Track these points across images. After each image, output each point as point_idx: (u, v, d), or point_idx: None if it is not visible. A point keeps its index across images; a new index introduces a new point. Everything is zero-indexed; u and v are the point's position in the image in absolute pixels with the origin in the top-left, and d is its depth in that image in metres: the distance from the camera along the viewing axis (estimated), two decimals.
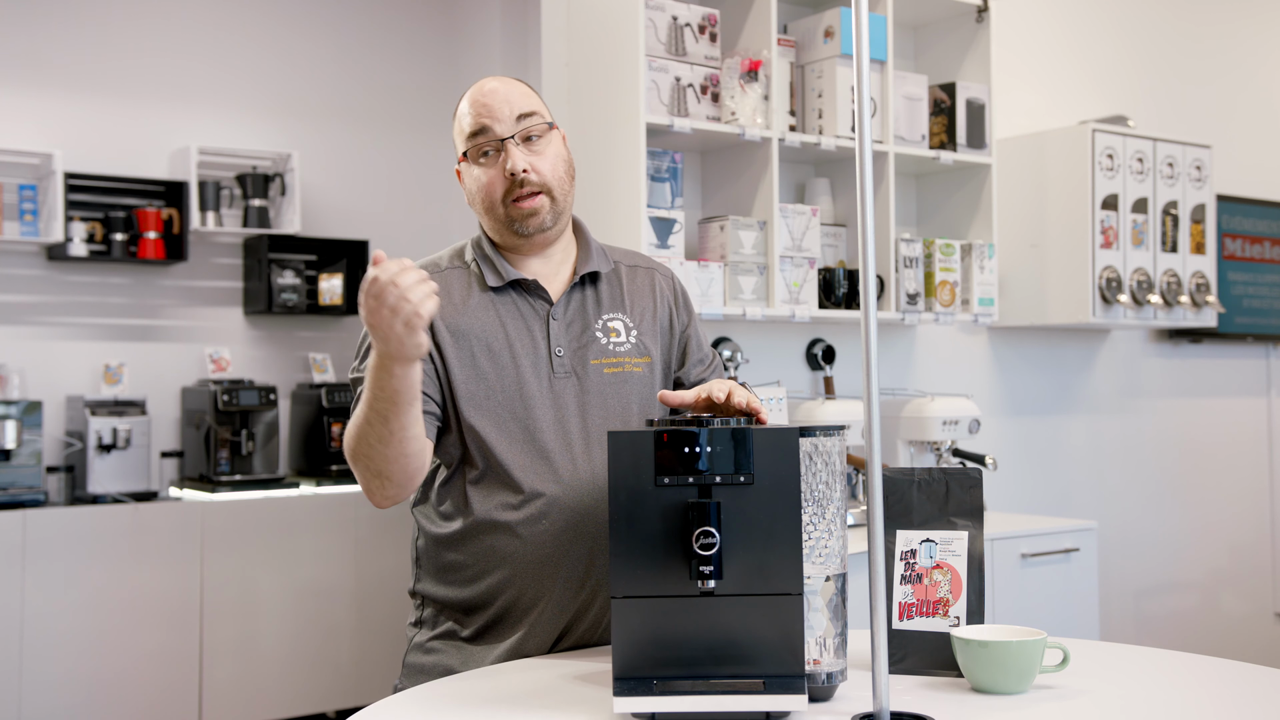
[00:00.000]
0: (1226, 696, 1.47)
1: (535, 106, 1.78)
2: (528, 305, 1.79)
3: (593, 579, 1.74)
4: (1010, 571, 3.26)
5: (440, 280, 1.78)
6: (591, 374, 1.77)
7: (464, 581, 1.77)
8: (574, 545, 1.72)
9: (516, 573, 1.73)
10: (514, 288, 1.80)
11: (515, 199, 1.75)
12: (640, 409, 1.78)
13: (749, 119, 3.08)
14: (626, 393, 1.78)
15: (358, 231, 5.41)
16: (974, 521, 1.59)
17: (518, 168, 1.74)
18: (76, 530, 4.18)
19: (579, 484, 1.73)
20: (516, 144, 1.75)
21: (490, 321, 1.77)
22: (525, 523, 1.72)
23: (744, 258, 3.07)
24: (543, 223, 1.77)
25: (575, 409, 1.75)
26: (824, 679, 1.43)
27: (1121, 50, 4.50)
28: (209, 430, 4.66)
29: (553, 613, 1.73)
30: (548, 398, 1.75)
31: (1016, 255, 3.94)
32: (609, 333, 1.81)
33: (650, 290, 1.88)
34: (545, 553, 1.72)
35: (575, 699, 1.47)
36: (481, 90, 1.78)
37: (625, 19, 2.98)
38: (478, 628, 1.77)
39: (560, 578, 1.72)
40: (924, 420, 3.33)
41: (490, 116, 1.75)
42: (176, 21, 5.09)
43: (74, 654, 4.13)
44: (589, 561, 1.73)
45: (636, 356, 1.80)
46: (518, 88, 1.79)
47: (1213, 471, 4.70)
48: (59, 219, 4.57)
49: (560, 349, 1.77)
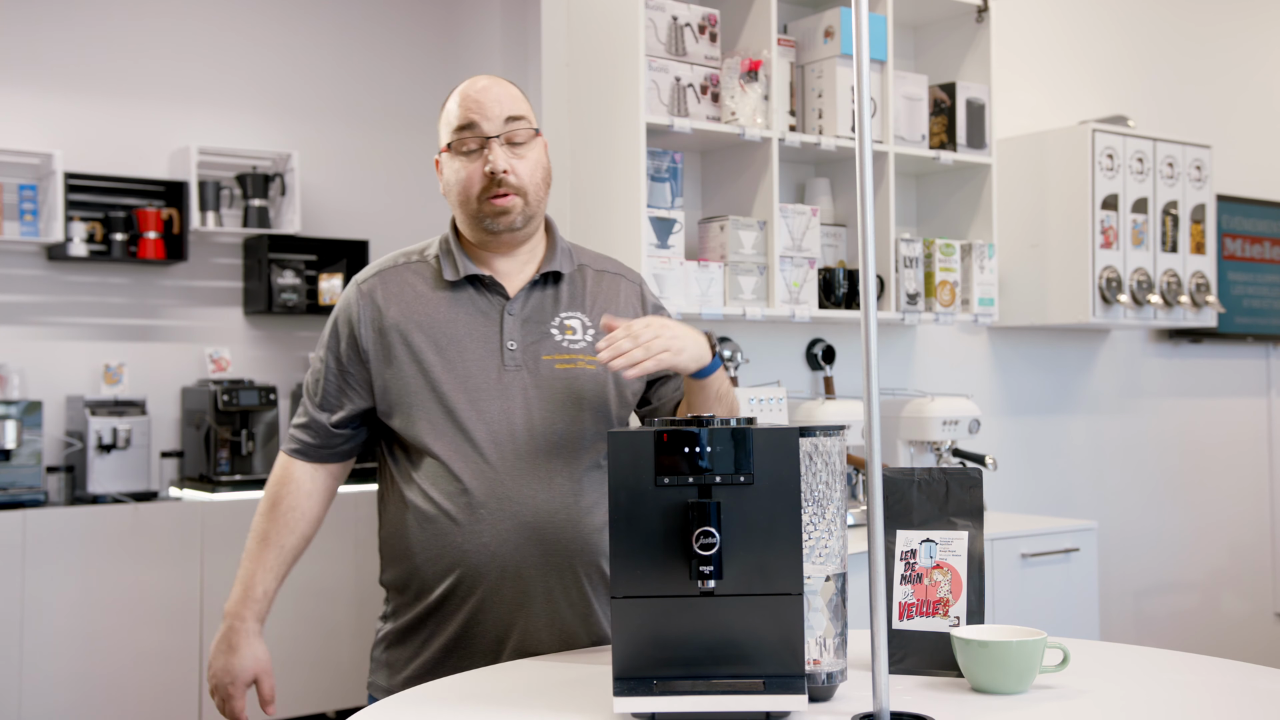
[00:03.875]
0: (1226, 696, 1.47)
1: (524, 111, 1.82)
2: (484, 300, 1.83)
3: (534, 566, 1.76)
4: (1010, 571, 3.26)
5: (393, 278, 1.85)
6: (543, 369, 1.80)
7: (410, 571, 1.81)
8: (512, 534, 1.75)
9: (456, 561, 1.76)
10: (472, 283, 1.84)
11: (491, 196, 1.79)
12: (591, 406, 1.81)
13: (749, 119, 3.08)
14: (578, 389, 1.80)
15: (358, 231, 5.41)
16: (974, 521, 1.59)
17: (498, 167, 1.78)
18: (76, 530, 4.18)
19: (518, 475, 1.76)
20: (501, 144, 1.79)
21: (443, 315, 1.81)
22: (462, 511, 1.75)
23: (744, 258, 3.07)
24: (513, 223, 1.81)
25: (523, 402, 1.78)
26: (824, 679, 1.43)
27: (1121, 50, 4.50)
28: (209, 430, 4.66)
29: (496, 598, 1.76)
30: (495, 389, 1.78)
31: (1016, 255, 3.94)
32: (565, 330, 1.84)
33: (615, 296, 1.90)
34: (483, 541, 1.75)
35: (575, 699, 1.47)
36: (474, 86, 1.82)
37: (625, 19, 2.98)
38: (418, 616, 1.81)
39: (499, 565, 1.75)
40: (924, 420, 3.33)
41: (480, 113, 1.79)
42: (176, 21, 5.09)
43: (74, 654, 4.13)
44: (530, 549, 1.76)
45: (591, 355, 1.82)
46: (510, 89, 1.83)
47: (1213, 471, 4.70)
48: (59, 219, 4.57)
49: (513, 343, 1.80)
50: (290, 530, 1.87)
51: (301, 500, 1.87)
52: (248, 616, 1.84)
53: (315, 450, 1.88)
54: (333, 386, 1.85)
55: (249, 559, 1.87)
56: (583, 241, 3.09)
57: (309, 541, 1.90)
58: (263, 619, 1.86)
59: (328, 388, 1.85)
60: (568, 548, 1.76)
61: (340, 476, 1.92)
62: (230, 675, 1.83)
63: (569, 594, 1.77)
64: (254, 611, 1.85)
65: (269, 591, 1.86)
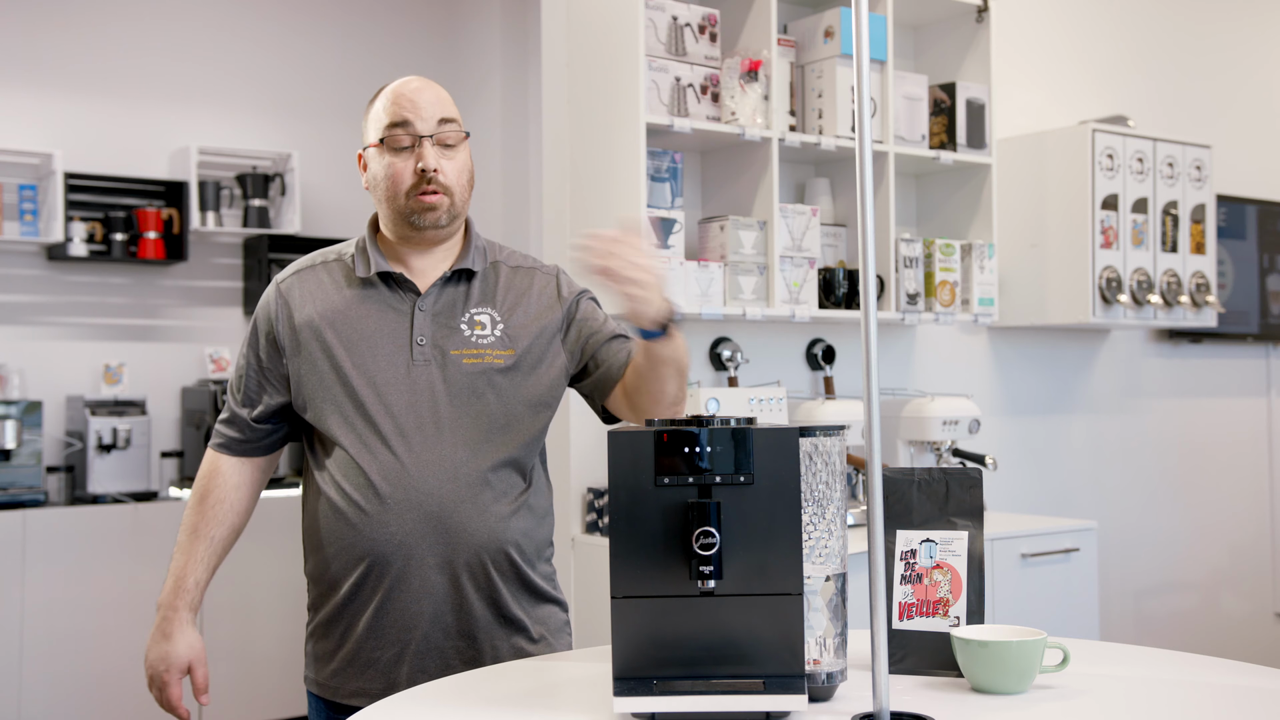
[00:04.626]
0: (1226, 696, 1.47)
1: (455, 114, 1.89)
2: (396, 296, 1.88)
3: (440, 556, 1.79)
4: (1010, 571, 3.26)
5: (310, 277, 1.92)
6: (451, 364, 1.84)
7: (324, 561, 1.86)
8: (418, 524, 1.79)
9: (365, 552, 1.81)
10: (384, 280, 1.89)
11: (420, 193, 1.84)
12: (499, 399, 1.84)
13: (749, 119, 3.08)
14: (484, 383, 1.84)
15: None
16: (974, 521, 1.59)
17: (429, 165, 1.83)
18: (76, 530, 4.18)
19: (423, 467, 1.80)
20: (433, 144, 1.85)
21: (354, 312, 1.87)
22: (370, 503, 1.80)
23: (744, 258, 3.07)
24: (438, 219, 1.85)
25: (430, 396, 1.82)
26: (824, 679, 1.43)
27: (1122, 50, 4.50)
28: (209, 430, 4.66)
29: (404, 588, 1.80)
30: (404, 384, 1.82)
31: (1016, 255, 3.94)
32: (474, 325, 1.87)
33: (529, 289, 1.93)
34: (389, 531, 1.79)
35: (575, 699, 1.47)
36: (408, 86, 1.88)
37: (625, 19, 2.98)
38: (335, 607, 1.86)
39: (404, 555, 1.79)
40: (924, 420, 3.33)
41: (414, 113, 1.85)
42: (176, 21, 5.09)
43: (74, 653, 4.13)
44: (435, 539, 1.79)
45: (499, 349, 1.86)
46: (442, 93, 1.90)
47: (1213, 471, 4.70)
48: (59, 219, 4.57)
49: (422, 338, 1.85)
50: (219, 522, 1.93)
51: (229, 493, 1.94)
52: (180, 607, 1.90)
53: (239, 444, 1.94)
54: (253, 383, 1.91)
55: (180, 552, 1.93)
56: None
57: (238, 533, 1.97)
58: (195, 609, 1.92)
59: (248, 384, 1.92)
60: (473, 538, 1.80)
61: (267, 470, 1.99)
62: (166, 663, 1.88)
63: (475, 580, 1.81)
64: (186, 602, 1.90)
65: (200, 582, 1.92)
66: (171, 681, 1.89)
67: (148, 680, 1.91)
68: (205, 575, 1.93)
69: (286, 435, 1.97)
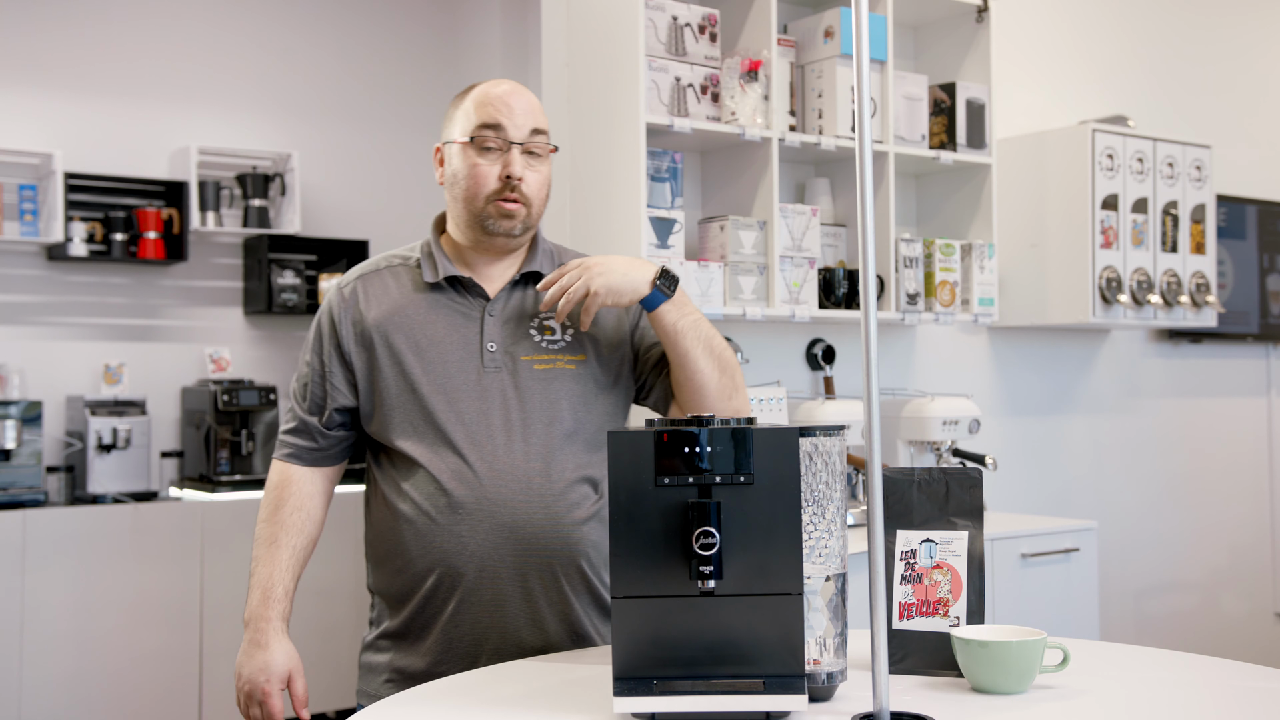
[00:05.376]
0: (1226, 696, 1.47)
1: (546, 125, 1.86)
2: (464, 301, 1.85)
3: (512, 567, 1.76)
4: (1010, 571, 3.26)
5: (374, 281, 1.88)
6: (522, 370, 1.81)
7: (393, 573, 1.82)
8: (491, 535, 1.75)
9: (436, 561, 1.77)
10: (452, 285, 1.86)
11: (500, 199, 1.81)
12: (571, 407, 1.82)
13: (749, 119, 3.08)
14: (557, 390, 1.81)
15: (358, 231, 5.41)
16: (974, 521, 1.59)
17: (516, 173, 1.80)
18: (76, 530, 4.18)
19: (496, 476, 1.76)
20: (521, 151, 1.81)
21: (423, 317, 1.83)
22: (441, 513, 1.76)
23: (744, 258, 3.07)
24: (513, 229, 1.83)
25: (501, 403, 1.79)
26: (824, 679, 1.43)
27: (1122, 50, 4.50)
28: (209, 430, 4.66)
29: (475, 599, 1.76)
30: (475, 390, 1.79)
31: (1016, 255, 3.94)
32: (544, 331, 1.85)
33: None
34: (461, 542, 1.75)
35: (575, 699, 1.47)
36: (503, 88, 1.84)
37: (625, 19, 2.98)
38: (404, 620, 1.81)
39: (477, 566, 1.75)
40: (924, 420, 3.33)
41: (509, 117, 1.81)
42: (176, 21, 5.09)
43: (74, 654, 4.13)
44: (508, 550, 1.76)
45: (570, 355, 1.84)
46: (535, 101, 1.86)
47: (1213, 471, 4.70)
48: (59, 219, 4.58)
49: (492, 344, 1.82)
50: (299, 531, 1.86)
51: (305, 501, 1.88)
52: (272, 617, 1.80)
53: (309, 453, 1.89)
54: (318, 389, 1.87)
55: (261, 564, 1.83)
56: (583, 242, 3.09)
57: (314, 545, 1.89)
58: (287, 619, 1.82)
59: (314, 391, 1.87)
60: (546, 548, 1.77)
61: (335, 480, 1.93)
62: (267, 673, 1.78)
63: (548, 594, 1.78)
64: (278, 612, 1.81)
65: (289, 590, 1.82)
66: (273, 692, 1.79)
67: (244, 698, 1.80)
68: (292, 585, 1.84)
69: (354, 444, 1.92)
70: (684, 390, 1.82)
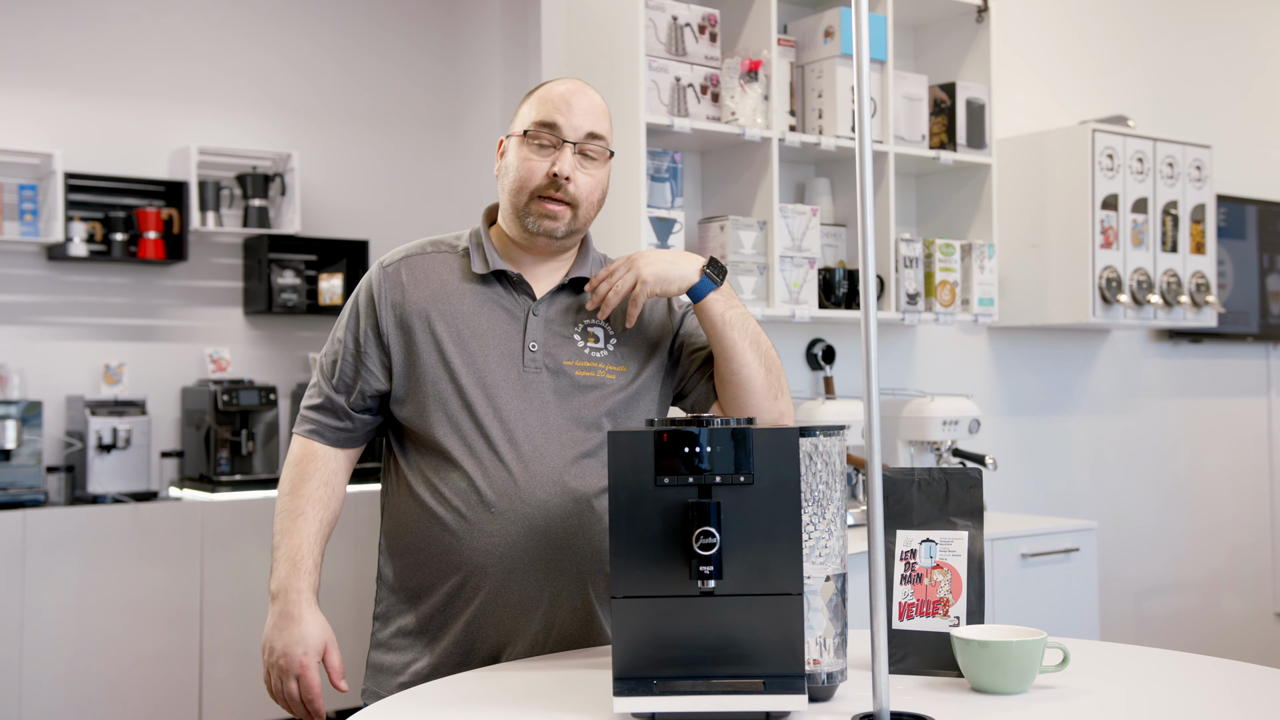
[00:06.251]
0: (1226, 696, 1.47)
1: (605, 131, 1.82)
2: (511, 298, 1.81)
3: (540, 571, 1.74)
4: (1010, 571, 3.26)
5: (419, 263, 1.83)
6: (564, 374, 1.78)
7: (413, 566, 1.78)
8: (521, 537, 1.73)
9: (463, 561, 1.74)
10: (500, 279, 1.82)
11: (544, 197, 1.78)
12: (610, 416, 1.79)
13: (749, 119, 3.08)
14: (598, 398, 1.79)
15: (358, 231, 5.41)
16: (974, 521, 1.59)
17: (564, 170, 1.77)
18: (76, 530, 4.18)
19: (531, 477, 1.74)
20: (574, 152, 1.78)
21: (467, 307, 1.79)
22: (473, 510, 1.73)
23: (744, 258, 3.07)
24: (554, 230, 1.79)
25: (540, 405, 1.76)
26: (824, 679, 1.43)
27: (1122, 50, 4.50)
28: (209, 430, 4.66)
29: (499, 602, 1.74)
30: (515, 388, 1.76)
31: (1016, 255, 3.94)
32: (587, 338, 1.82)
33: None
34: (492, 542, 1.73)
35: (575, 699, 1.47)
36: (565, 87, 1.81)
37: (625, 19, 2.98)
38: (421, 618, 1.78)
39: (505, 568, 1.73)
40: (924, 420, 3.33)
41: (565, 117, 1.78)
42: (176, 21, 5.09)
43: (74, 654, 4.13)
44: (538, 553, 1.73)
45: (612, 365, 1.82)
46: (599, 104, 1.83)
47: (1213, 471, 4.70)
48: (59, 219, 4.57)
49: (534, 344, 1.78)
50: (323, 505, 1.80)
51: (330, 476, 1.82)
52: (303, 588, 1.74)
53: (332, 432, 1.83)
54: (349, 367, 1.81)
55: (285, 536, 1.76)
56: None
57: (336, 523, 1.82)
58: (317, 590, 1.76)
59: (344, 369, 1.81)
60: (577, 554, 1.75)
61: (352, 463, 1.87)
62: (304, 645, 1.72)
63: (573, 600, 1.76)
64: (308, 583, 1.74)
65: (317, 562, 1.76)
66: (311, 665, 1.72)
67: (276, 674, 1.73)
68: (320, 557, 1.77)
69: (376, 429, 1.86)
70: (728, 386, 1.79)
